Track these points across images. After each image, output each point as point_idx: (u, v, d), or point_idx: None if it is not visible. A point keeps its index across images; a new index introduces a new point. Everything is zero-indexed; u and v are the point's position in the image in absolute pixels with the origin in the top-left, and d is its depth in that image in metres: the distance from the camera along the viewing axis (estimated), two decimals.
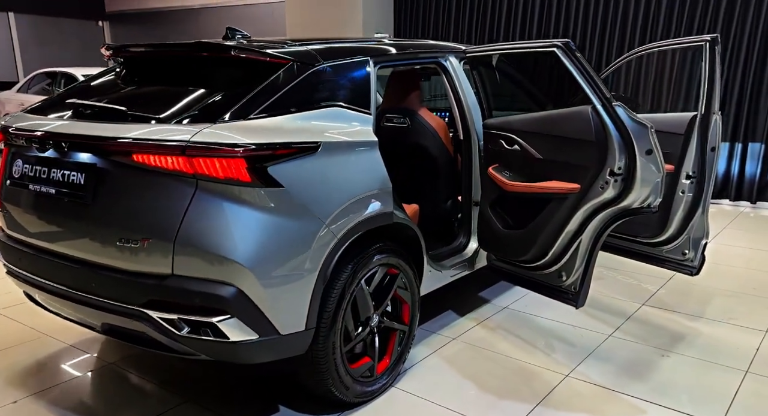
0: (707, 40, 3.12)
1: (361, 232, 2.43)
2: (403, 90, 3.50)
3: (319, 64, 2.49)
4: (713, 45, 3.11)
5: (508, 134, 3.08)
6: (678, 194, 3.42)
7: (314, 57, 2.51)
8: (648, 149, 2.58)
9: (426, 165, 3.54)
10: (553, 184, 2.83)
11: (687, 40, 3.27)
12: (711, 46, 3.12)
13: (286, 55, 2.42)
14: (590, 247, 2.85)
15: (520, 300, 3.80)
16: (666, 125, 3.44)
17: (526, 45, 2.89)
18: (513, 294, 3.90)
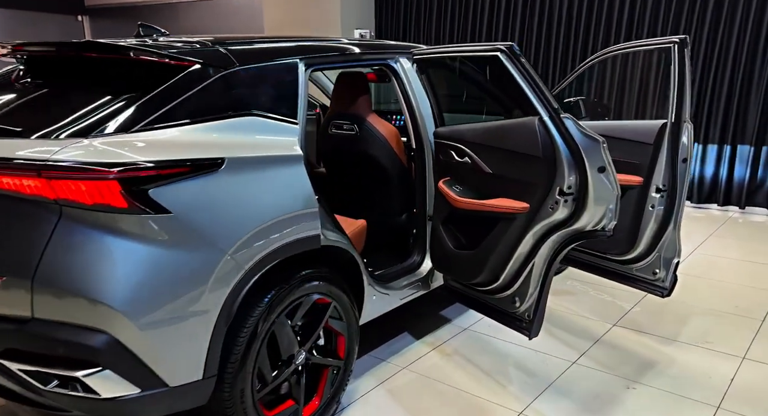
0: (675, 42, 2.85)
1: (280, 260, 2.17)
2: (351, 94, 3.24)
3: (233, 67, 2.21)
4: (682, 47, 2.84)
5: (459, 145, 2.82)
6: (647, 209, 3.15)
7: (226, 59, 2.23)
8: (601, 166, 2.32)
9: (376, 176, 3.28)
10: (501, 202, 2.57)
11: (654, 41, 3.00)
12: (680, 48, 2.85)
13: (190, 56, 2.14)
14: (543, 272, 2.59)
15: (482, 321, 3.53)
16: (634, 133, 3.18)
17: (470, 48, 2.62)
18: (475, 314, 3.64)
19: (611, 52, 3.25)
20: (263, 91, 2.30)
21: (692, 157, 3.02)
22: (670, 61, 2.87)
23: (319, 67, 2.67)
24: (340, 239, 2.50)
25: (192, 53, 2.17)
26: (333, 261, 2.56)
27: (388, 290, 2.95)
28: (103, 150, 1.77)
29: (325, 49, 2.73)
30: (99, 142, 1.80)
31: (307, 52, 2.57)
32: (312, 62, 2.57)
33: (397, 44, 3.23)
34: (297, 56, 2.49)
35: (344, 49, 2.86)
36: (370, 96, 3.27)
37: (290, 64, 2.44)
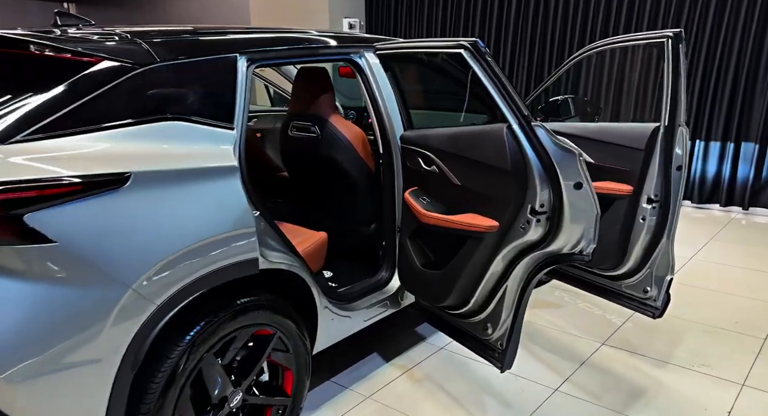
0: (669, 36, 2.54)
1: (205, 290, 1.89)
2: (311, 92, 2.93)
3: (151, 64, 1.91)
4: (677, 42, 2.53)
5: (425, 152, 2.53)
6: (638, 221, 2.86)
7: (143, 54, 1.92)
8: (577, 182, 2.02)
9: (340, 182, 2.99)
10: (469, 219, 2.28)
11: (645, 35, 2.69)
12: (674, 43, 2.54)
13: (97, 52, 1.84)
14: (517, 296, 2.31)
15: None
16: (624, 137, 2.88)
17: (433, 44, 2.32)
18: None
19: (599, 46, 2.94)
20: (191, 92, 2.00)
21: (688, 165, 2.71)
22: (664, 57, 2.56)
23: (265, 63, 2.37)
24: (288, 260, 2.21)
25: (101, 48, 1.87)
26: (280, 285, 2.28)
27: (349, 311, 2.67)
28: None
29: (274, 43, 2.43)
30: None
31: (251, 46, 2.27)
32: (256, 57, 2.26)
33: (361, 37, 2.92)
34: (237, 50, 2.19)
35: (297, 42, 2.56)
36: (333, 94, 2.97)
37: (227, 60, 2.14)
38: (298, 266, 2.28)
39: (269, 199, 3.43)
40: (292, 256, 2.25)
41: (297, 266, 2.27)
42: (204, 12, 9.85)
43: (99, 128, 1.73)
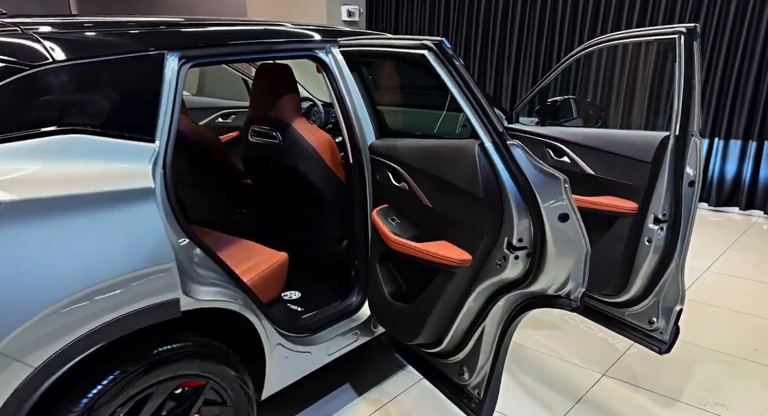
0: (681, 32, 2.16)
1: (104, 343, 1.57)
2: (272, 93, 2.60)
3: (46, 64, 1.59)
4: (690, 39, 2.16)
5: (395, 166, 2.19)
6: (643, 243, 2.50)
7: (37, 52, 1.60)
8: (562, 213, 1.67)
9: (306, 194, 2.66)
10: (438, 249, 1.94)
11: (654, 30, 2.31)
12: (687, 40, 2.17)
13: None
14: (496, 340, 1.97)
15: None
16: (628, 147, 2.51)
17: (395, 42, 1.96)
18: None
19: (602, 43, 2.56)
20: (98, 98, 1.67)
21: (705, 165, 2.34)
22: (675, 57, 2.19)
23: (203, 61, 2.02)
24: (226, 296, 1.89)
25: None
26: (218, 324, 1.96)
27: (310, 346, 2.34)
28: None
29: (216, 37, 2.09)
30: None
31: (185, 42, 1.93)
32: (192, 55, 1.92)
33: (327, 30, 2.56)
34: (165, 47, 1.85)
35: (246, 37, 2.20)
36: (297, 95, 2.62)
37: (150, 59, 1.80)
38: (239, 301, 1.95)
39: (232, 210, 3.11)
40: (232, 290, 1.93)
41: (238, 302, 1.94)
42: (205, 2, 9.50)
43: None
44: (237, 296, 1.94)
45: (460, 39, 7.02)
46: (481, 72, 6.95)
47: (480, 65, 6.95)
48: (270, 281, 2.41)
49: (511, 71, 6.71)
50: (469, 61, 7.05)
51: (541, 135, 2.86)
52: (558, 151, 2.79)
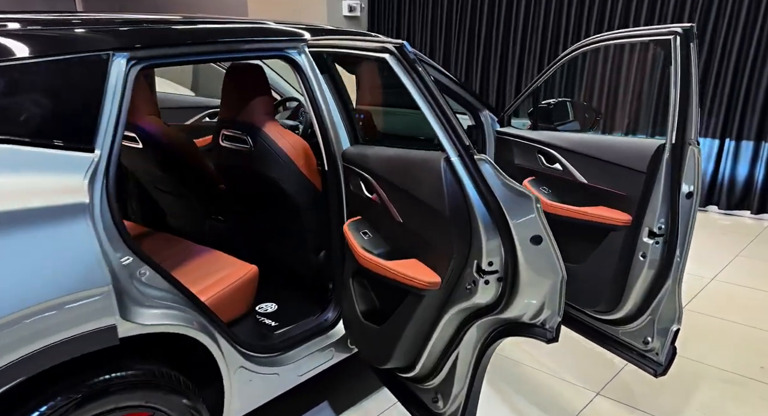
0: (677, 33, 1.98)
1: (30, 375, 1.44)
2: (242, 95, 2.45)
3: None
4: (687, 40, 1.98)
5: (366, 176, 2.04)
6: (637, 258, 2.33)
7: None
8: (535, 236, 1.52)
9: (279, 203, 2.51)
10: (407, 270, 1.79)
11: (648, 31, 2.13)
12: (684, 41, 1.99)
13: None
14: (472, 367, 1.82)
15: None
16: (620, 155, 2.34)
17: (358, 44, 1.80)
18: None
19: (594, 43, 2.38)
20: (25, 105, 1.53)
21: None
22: (670, 59, 2.01)
23: (157, 63, 1.87)
24: (175, 318, 1.75)
25: None
26: (170, 347, 1.83)
27: (278, 366, 2.21)
28: None
29: (170, 36, 1.93)
30: None
31: (135, 41, 1.78)
32: (144, 56, 1.77)
33: (295, 29, 2.40)
34: (111, 47, 1.70)
35: (207, 35, 2.05)
36: (269, 96, 2.48)
37: (92, 60, 1.65)
38: (193, 324, 1.81)
39: (208, 216, 2.97)
40: (184, 311, 1.79)
41: (191, 324, 1.80)
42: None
43: None
44: (190, 318, 1.80)
45: (463, 33, 6.83)
46: (484, 68, 6.76)
47: (483, 60, 6.76)
48: (238, 296, 2.26)
49: (515, 68, 6.52)
50: (471, 57, 6.86)
51: (533, 140, 2.70)
52: (550, 158, 2.62)
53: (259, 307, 2.63)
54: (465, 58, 6.87)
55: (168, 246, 2.58)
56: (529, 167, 2.72)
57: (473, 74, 6.85)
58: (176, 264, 2.41)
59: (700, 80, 5.36)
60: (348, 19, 7.14)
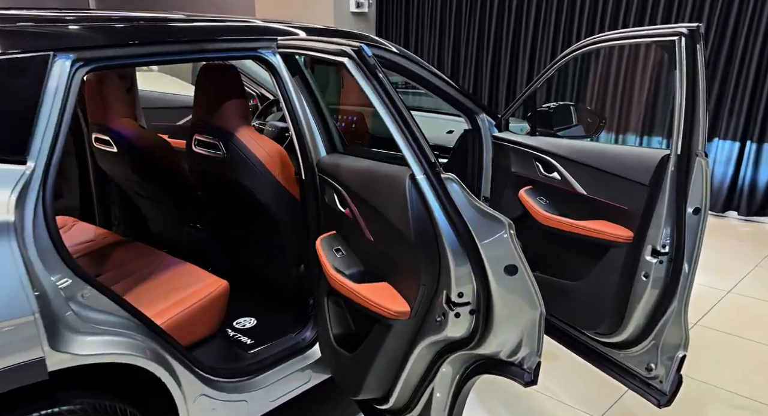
0: (682, 34, 1.78)
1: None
2: (214, 97, 2.29)
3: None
4: (693, 41, 1.78)
5: (339, 188, 1.87)
6: (639, 277, 2.13)
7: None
8: (509, 265, 1.33)
9: (254, 213, 2.36)
10: (375, 296, 1.62)
11: (651, 31, 1.92)
12: (689, 43, 1.78)
13: None
14: (449, 404, 1.64)
15: None
16: (621, 166, 2.15)
17: (321, 46, 1.63)
18: None
19: (594, 43, 2.18)
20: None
21: (707, 206, 1.97)
22: (675, 62, 1.81)
23: (109, 64, 1.71)
24: (118, 347, 1.59)
25: None
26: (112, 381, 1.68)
27: (246, 392, 2.05)
28: None
29: (125, 36, 1.77)
30: None
31: (82, 41, 1.63)
32: (92, 57, 1.61)
33: (268, 26, 2.22)
34: (53, 47, 1.55)
35: (168, 34, 1.88)
36: (243, 99, 2.31)
37: (25, 61, 1.50)
38: (142, 352, 1.65)
39: (186, 224, 2.83)
40: (132, 337, 1.63)
41: (139, 352, 1.64)
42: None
43: None
44: (139, 344, 1.65)
45: (473, 28, 6.61)
46: (494, 65, 6.54)
47: (493, 57, 6.54)
48: (205, 314, 2.12)
49: (525, 65, 6.30)
50: (481, 54, 6.64)
51: (530, 146, 2.51)
52: (548, 166, 2.43)
53: (236, 322, 2.47)
54: (474, 52, 6.65)
55: (138, 257, 2.44)
56: (527, 175, 2.54)
57: (483, 70, 6.63)
58: (142, 278, 2.27)
59: (720, 79, 5.10)
60: (356, 16, 6.97)
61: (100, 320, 1.57)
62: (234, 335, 2.39)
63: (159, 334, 1.74)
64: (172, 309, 2.00)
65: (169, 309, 2.00)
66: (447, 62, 6.84)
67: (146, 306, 2.00)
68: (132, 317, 1.66)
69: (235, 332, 2.42)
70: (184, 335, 2.03)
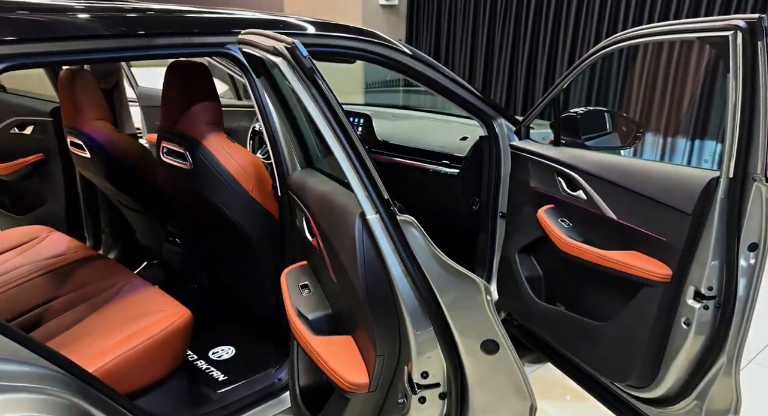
0: (739, 28, 1.39)
1: None
2: (180, 100, 2.00)
3: None
4: (753, 38, 1.38)
5: (306, 212, 1.56)
6: (679, 325, 1.75)
7: None
8: (487, 340, 1.00)
9: (228, 233, 2.07)
10: (330, 358, 1.29)
11: (698, 24, 1.53)
12: (748, 40, 1.39)
13: None
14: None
15: None
16: (659, 188, 1.76)
17: (258, 42, 1.30)
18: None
19: (626, 39, 1.79)
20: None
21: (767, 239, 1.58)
22: (727, 63, 1.42)
23: (36, 62, 1.45)
24: (16, 408, 1.31)
25: None
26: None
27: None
28: None
29: (54, 28, 1.48)
30: None
31: None
32: (8, 54, 1.35)
33: (236, 17, 1.90)
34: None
35: (109, 26, 1.57)
36: (214, 101, 2.01)
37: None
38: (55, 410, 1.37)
39: (166, 239, 2.57)
40: (41, 392, 1.35)
41: (48, 412, 1.36)
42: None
43: None
44: (57, 403, 1.37)
45: (509, 19, 6.18)
46: (530, 59, 6.09)
47: (530, 54, 6.09)
48: (162, 349, 1.83)
49: (565, 58, 5.84)
50: (517, 45, 6.18)
51: (552, 158, 2.14)
52: (572, 183, 2.06)
53: (213, 352, 2.20)
54: (510, 45, 6.21)
55: (104, 278, 2.19)
56: (547, 192, 2.17)
57: (517, 66, 6.19)
58: (101, 303, 2.02)
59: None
60: (385, 9, 6.62)
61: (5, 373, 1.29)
62: (207, 369, 2.11)
63: (89, 383, 1.46)
64: (124, 344, 1.73)
65: (121, 344, 1.73)
66: (480, 57, 6.43)
67: (96, 338, 1.75)
68: (51, 364, 1.38)
69: (209, 365, 2.14)
70: (137, 375, 1.77)
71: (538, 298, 2.23)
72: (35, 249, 2.47)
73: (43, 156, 2.96)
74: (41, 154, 2.96)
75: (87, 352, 1.70)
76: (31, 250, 2.47)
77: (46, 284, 2.21)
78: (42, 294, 2.14)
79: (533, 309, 2.22)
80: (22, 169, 3.02)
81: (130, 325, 1.84)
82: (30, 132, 2.98)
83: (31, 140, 2.96)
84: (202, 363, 2.12)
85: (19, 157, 2.99)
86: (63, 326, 1.92)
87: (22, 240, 2.54)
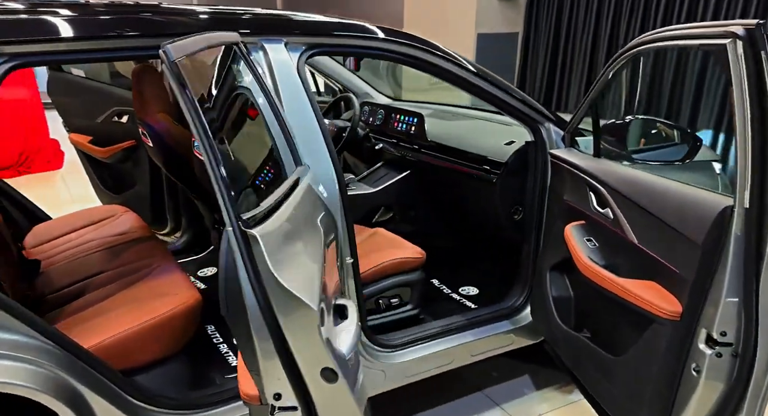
0: (736, 35, 1.17)
1: None
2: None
3: None
4: (754, 46, 1.16)
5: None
6: (689, 372, 1.54)
7: None
8: (326, 368, 0.94)
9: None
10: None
11: (698, 29, 1.31)
12: (748, 49, 1.17)
13: None
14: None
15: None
16: (673, 212, 1.55)
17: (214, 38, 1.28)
18: None
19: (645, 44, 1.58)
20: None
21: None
22: (729, 75, 1.20)
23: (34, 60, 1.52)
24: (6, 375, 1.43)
25: None
26: None
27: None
28: None
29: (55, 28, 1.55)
30: None
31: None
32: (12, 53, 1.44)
33: (223, 9, 1.90)
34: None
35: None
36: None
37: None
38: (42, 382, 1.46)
39: (213, 225, 2.70)
40: (31, 363, 1.47)
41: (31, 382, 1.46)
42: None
43: None
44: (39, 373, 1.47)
45: (635, 21, 5.72)
46: (657, 61, 5.60)
47: (656, 52, 5.59)
48: (166, 329, 1.92)
49: (698, 56, 5.30)
50: None
51: (584, 171, 1.96)
52: (601, 199, 1.88)
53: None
54: None
55: (145, 258, 2.35)
56: (578, 207, 1.99)
57: (644, 63, 5.71)
58: (133, 282, 2.15)
59: None
60: (502, 3, 6.39)
61: None
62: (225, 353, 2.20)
63: (80, 358, 1.57)
64: (128, 322, 1.85)
65: (125, 322, 1.85)
66: (601, 53, 6.02)
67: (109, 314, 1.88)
68: (40, 335, 1.50)
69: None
70: (137, 352, 1.87)
71: (567, 321, 2.06)
72: (107, 227, 2.71)
73: (134, 142, 3.22)
74: (134, 141, 3.22)
75: (93, 326, 1.84)
76: (103, 227, 2.72)
77: (100, 259, 2.42)
78: (93, 268, 2.34)
79: (558, 334, 2.06)
80: (117, 153, 3.30)
81: (141, 304, 1.95)
82: (125, 121, 3.26)
83: (127, 128, 3.23)
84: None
85: (117, 142, 3.28)
86: (95, 300, 2.08)
87: (101, 217, 2.80)
